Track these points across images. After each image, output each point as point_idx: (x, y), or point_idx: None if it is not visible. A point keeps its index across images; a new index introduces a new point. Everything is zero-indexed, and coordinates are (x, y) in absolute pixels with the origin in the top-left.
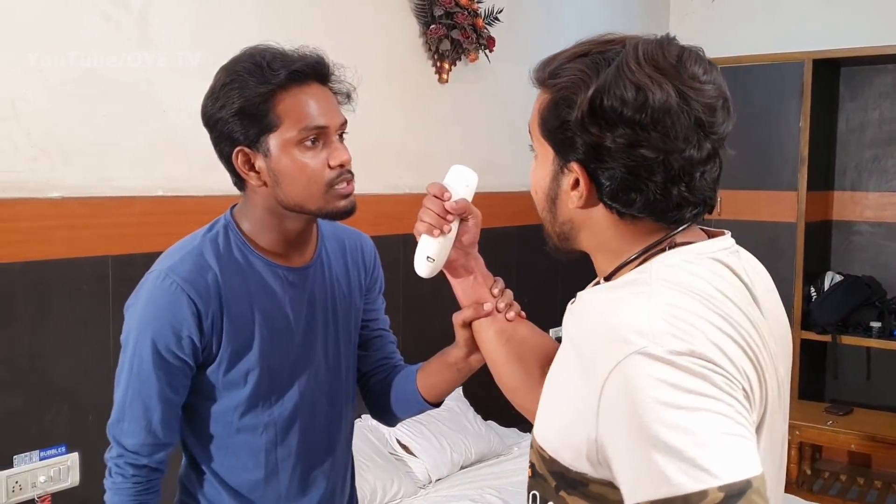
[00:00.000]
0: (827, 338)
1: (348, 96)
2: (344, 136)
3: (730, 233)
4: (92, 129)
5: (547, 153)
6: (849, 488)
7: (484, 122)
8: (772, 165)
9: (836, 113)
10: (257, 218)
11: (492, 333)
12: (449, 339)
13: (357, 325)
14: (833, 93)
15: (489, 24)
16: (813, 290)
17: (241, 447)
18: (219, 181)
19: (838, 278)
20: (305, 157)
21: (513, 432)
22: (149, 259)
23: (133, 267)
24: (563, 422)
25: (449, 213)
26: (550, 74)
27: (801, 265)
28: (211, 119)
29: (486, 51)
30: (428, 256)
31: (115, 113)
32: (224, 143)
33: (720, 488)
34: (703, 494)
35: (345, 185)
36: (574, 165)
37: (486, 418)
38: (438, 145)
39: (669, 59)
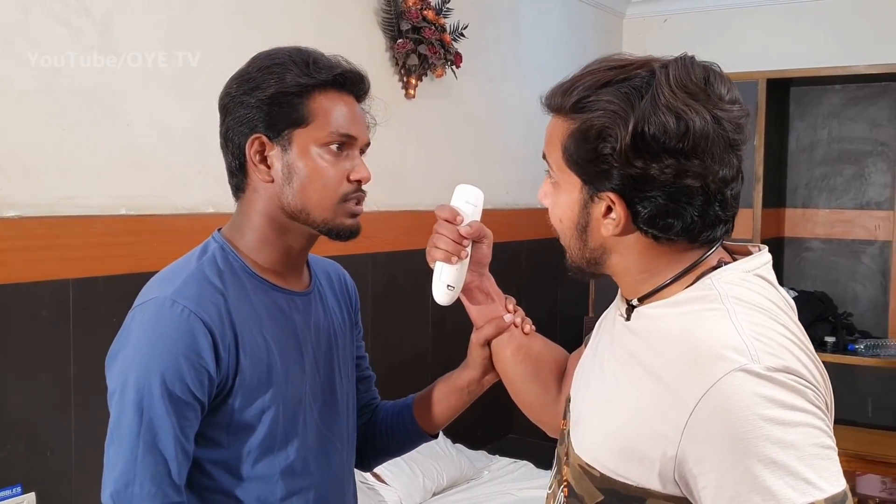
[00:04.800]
0: None
1: (368, 128)
2: (363, 156)
3: (766, 248)
4: (52, 145)
5: (572, 182)
6: None
7: (451, 139)
8: None
9: (786, 132)
10: (255, 229)
11: (510, 351)
12: (418, 357)
13: (353, 360)
14: (784, 112)
15: (455, 40)
16: None
17: (251, 502)
18: (186, 199)
19: (792, 294)
20: (326, 162)
21: (482, 455)
22: (112, 282)
23: (95, 290)
24: (627, 439)
25: (464, 237)
26: (574, 107)
27: None
28: (233, 101)
29: (454, 66)
30: (448, 285)
31: (77, 127)
32: (239, 129)
33: (825, 500)
34: None
35: (356, 203)
36: (609, 195)
37: (454, 441)
38: (406, 161)
39: (698, 82)
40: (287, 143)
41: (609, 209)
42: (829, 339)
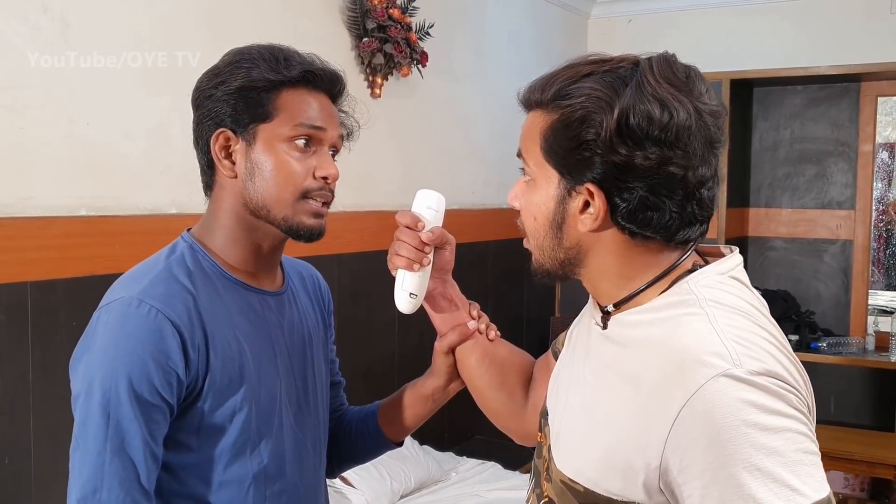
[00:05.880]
0: None
1: (348, 135)
2: (336, 156)
3: (737, 248)
4: (9, 144)
5: (549, 176)
6: None
7: (417, 138)
8: None
9: (750, 132)
10: (224, 228)
11: (475, 358)
12: (385, 359)
13: (328, 363)
14: (747, 112)
15: (421, 39)
16: None
17: None
18: (148, 200)
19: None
20: (291, 157)
21: (449, 456)
22: (72, 284)
23: (55, 293)
24: (609, 451)
25: (426, 244)
26: (556, 95)
27: None
28: (202, 95)
29: (419, 66)
30: (410, 293)
31: (35, 126)
32: (206, 124)
33: None
34: None
35: (321, 202)
36: (589, 187)
37: (421, 443)
38: (373, 162)
39: (680, 76)
40: (252, 137)
41: (587, 204)
42: (793, 338)
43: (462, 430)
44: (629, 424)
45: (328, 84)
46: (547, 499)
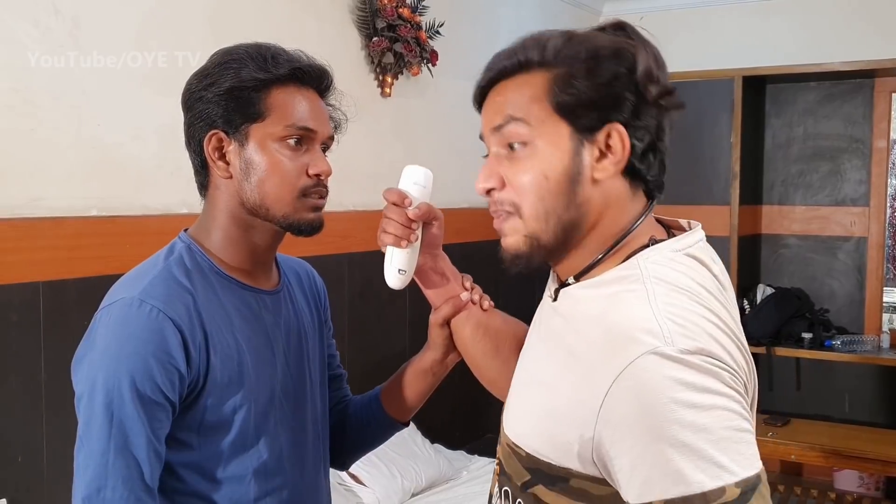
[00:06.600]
0: (762, 349)
1: (337, 126)
2: (328, 151)
3: (700, 224)
4: (20, 145)
5: (557, 132)
6: (787, 498)
7: (427, 137)
8: (705, 180)
9: (762, 129)
10: (221, 227)
11: (469, 329)
12: (396, 357)
13: (324, 360)
14: (759, 109)
15: (431, 38)
16: (746, 302)
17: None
18: (157, 200)
19: (769, 291)
20: (283, 156)
21: (460, 455)
22: (83, 284)
23: (66, 293)
24: (549, 420)
25: (413, 220)
26: (561, 50)
27: (736, 279)
28: (192, 97)
29: (429, 65)
30: (399, 269)
31: (45, 127)
32: (198, 126)
33: (736, 484)
34: (721, 491)
35: (318, 198)
36: (615, 127)
37: (433, 441)
38: (382, 161)
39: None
40: (244, 138)
41: (605, 149)
42: (806, 336)
43: (473, 428)
44: (566, 396)
45: (316, 80)
46: (498, 461)
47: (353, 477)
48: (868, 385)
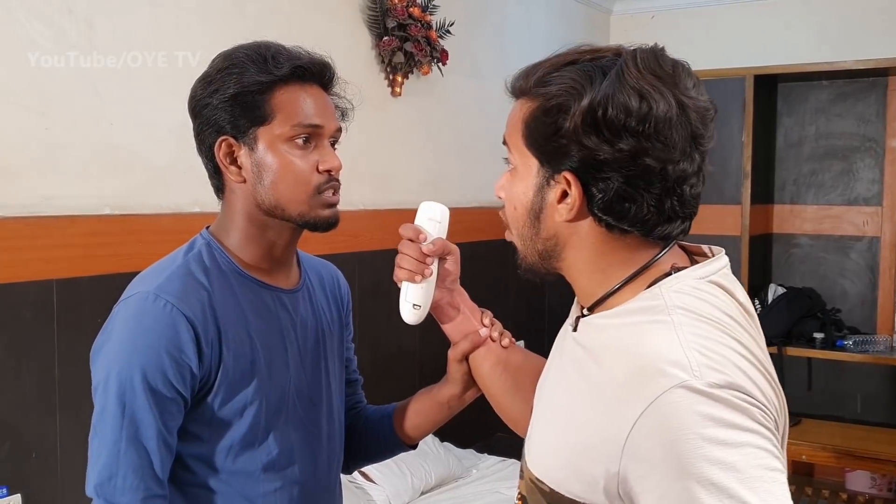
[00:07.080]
0: (773, 349)
1: (343, 114)
2: (336, 145)
3: (724, 251)
4: (34, 144)
5: (529, 165)
6: (798, 498)
7: (437, 137)
8: (716, 180)
9: (774, 128)
10: (239, 228)
11: (489, 366)
12: (404, 356)
13: (343, 361)
14: (771, 108)
15: (441, 37)
16: (757, 302)
17: (232, 497)
18: (170, 198)
19: (781, 291)
20: (294, 156)
21: (470, 453)
22: (96, 283)
23: (79, 291)
24: (573, 454)
25: (427, 255)
26: (538, 82)
27: (747, 278)
28: (199, 104)
29: (440, 64)
30: (414, 304)
31: (59, 126)
32: (207, 132)
33: None
34: None
35: (331, 193)
36: (566, 175)
37: (442, 440)
38: (392, 160)
39: (665, 68)
40: (253, 141)
41: (564, 193)
42: (818, 336)
43: (483, 427)
44: (591, 430)
45: (318, 75)
46: (521, 496)
47: (364, 475)
48: (881, 385)
